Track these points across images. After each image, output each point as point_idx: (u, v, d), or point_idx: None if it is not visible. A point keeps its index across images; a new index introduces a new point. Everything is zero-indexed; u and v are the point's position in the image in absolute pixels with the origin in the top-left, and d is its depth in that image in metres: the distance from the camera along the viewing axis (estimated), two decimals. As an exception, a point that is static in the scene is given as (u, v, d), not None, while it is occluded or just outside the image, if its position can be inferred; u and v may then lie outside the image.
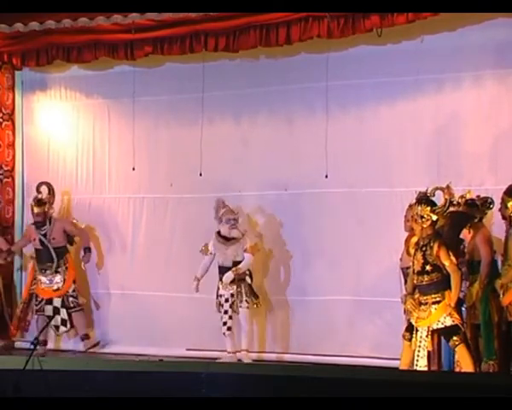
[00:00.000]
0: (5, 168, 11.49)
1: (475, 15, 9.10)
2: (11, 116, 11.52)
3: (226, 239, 9.90)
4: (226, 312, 9.81)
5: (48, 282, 10.69)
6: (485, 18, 9.17)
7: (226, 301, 9.82)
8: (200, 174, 10.25)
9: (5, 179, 11.50)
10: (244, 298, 9.78)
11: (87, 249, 10.81)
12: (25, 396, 7.09)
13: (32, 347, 7.65)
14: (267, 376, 7.33)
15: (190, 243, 10.60)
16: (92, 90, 11.32)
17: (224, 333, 9.82)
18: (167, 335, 10.55)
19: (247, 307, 9.80)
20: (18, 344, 11.13)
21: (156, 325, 10.67)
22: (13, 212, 11.49)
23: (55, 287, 10.69)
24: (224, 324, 9.82)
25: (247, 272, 9.86)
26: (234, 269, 9.78)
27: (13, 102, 11.55)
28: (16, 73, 11.50)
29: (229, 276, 9.77)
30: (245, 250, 9.84)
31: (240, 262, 9.81)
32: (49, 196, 10.90)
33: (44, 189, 10.93)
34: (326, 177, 9.71)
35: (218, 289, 9.89)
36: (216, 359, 9.71)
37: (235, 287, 9.79)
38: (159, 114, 10.94)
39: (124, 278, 11.06)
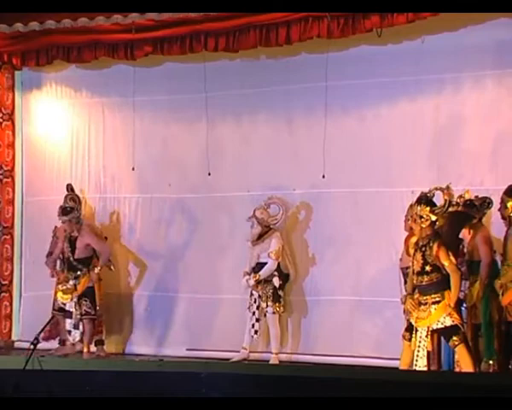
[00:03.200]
0: (5, 168, 11.48)
1: (476, 15, 9.10)
2: (11, 116, 11.51)
3: (253, 239, 9.92)
4: (254, 313, 9.85)
5: (65, 284, 10.58)
6: (485, 18, 9.17)
7: (255, 301, 9.87)
8: (209, 174, 10.27)
9: (5, 179, 11.49)
10: (268, 303, 9.79)
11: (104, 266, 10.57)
12: (25, 396, 7.08)
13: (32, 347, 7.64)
14: (267, 376, 7.30)
15: (190, 243, 10.61)
16: (91, 89, 11.30)
17: (252, 336, 9.86)
18: (167, 334, 10.55)
19: (273, 313, 9.81)
20: (18, 344, 11.14)
21: (156, 325, 10.67)
22: (13, 212, 11.47)
23: (70, 289, 10.63)
24: (252, 326, 9.86)
25: (276, 274, 9.85)
26: (254, 275, 9.79)
27: (13, 102, 11.54)
28: (16, 73, 11.48)
29: (250, 281, 9.80)
30: (269, 254, 9.82)
31: (263, 264, 9.82)
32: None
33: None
34: (323, 177, 9.75)
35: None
36: (215, 358, 9.73)
37: (260, 288, 9.82)
38: (158, 113, 10.92)
39: (122, 278, 11.06)
